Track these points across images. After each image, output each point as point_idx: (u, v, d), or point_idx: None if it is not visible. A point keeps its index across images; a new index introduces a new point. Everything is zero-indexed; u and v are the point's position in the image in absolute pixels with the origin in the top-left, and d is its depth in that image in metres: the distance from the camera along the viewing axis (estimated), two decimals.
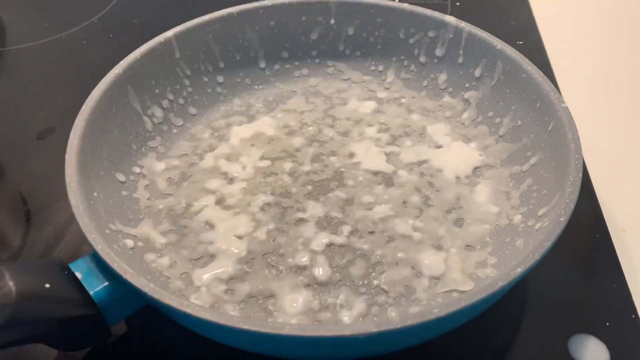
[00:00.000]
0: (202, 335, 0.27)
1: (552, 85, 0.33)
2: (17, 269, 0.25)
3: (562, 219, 0.26)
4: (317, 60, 0.43)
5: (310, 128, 0.40)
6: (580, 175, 0.28)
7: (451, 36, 0.39)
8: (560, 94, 0.33)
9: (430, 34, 0.40)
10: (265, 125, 0.40)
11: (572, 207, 0.27)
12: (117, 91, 0.34)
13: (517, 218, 0.32)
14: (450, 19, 0.38)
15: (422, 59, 0.41)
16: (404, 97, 0.41)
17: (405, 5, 0.40)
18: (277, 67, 0.43)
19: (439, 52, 0.40)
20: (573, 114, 0.31)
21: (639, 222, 0.36)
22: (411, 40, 0.41)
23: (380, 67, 0.42)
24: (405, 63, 0.42)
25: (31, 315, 0.24)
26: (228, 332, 0.24)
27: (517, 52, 0.35)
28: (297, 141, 0.39)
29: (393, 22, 0.41)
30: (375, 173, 0.36)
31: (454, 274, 0.31)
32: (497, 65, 0.36)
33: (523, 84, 0.35)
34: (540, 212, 0.30)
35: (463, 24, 0.38)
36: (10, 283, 0.24)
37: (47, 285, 0.25)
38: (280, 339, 0.23)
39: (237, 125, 0.40)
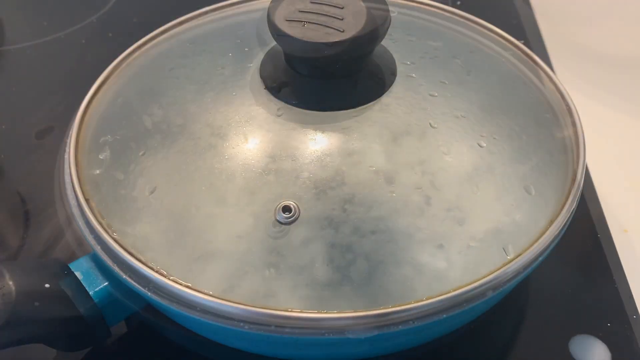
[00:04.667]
0: (202, 335, 0.27)
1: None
2: (17, 269, 0.25)
3: (564, 219, 0.26)
4: None
5: (311, 126, 0.39)
6: (583, 174, 0.28)
7: None
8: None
9: None
10: (266, 123, 0.40)
11: (574, 207, 0.27)
12: None
13: (519, 217, 0.32)
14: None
15: None
16: (407, 96, 0.41)
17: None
18: None
19: None
20: None
21: (636, 226, 0.36)
22: None
23: None
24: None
25: (31, 315, 0.24)
26: (228, 333, 0.24)
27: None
28: (298, 139, 0.38)
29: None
30: (377, 172, 0.36)
31: (454, 274, 0.31)
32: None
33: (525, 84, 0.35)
34: (542, 213, 0.30)
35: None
36: (10, 283, 0.24)
37: (47, 285, 0.25)
38: (280, 340, 0.23)
39: (237, 123, 0.40)
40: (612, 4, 0.51)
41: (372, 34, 0.24)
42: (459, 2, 0.53)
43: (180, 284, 0.30)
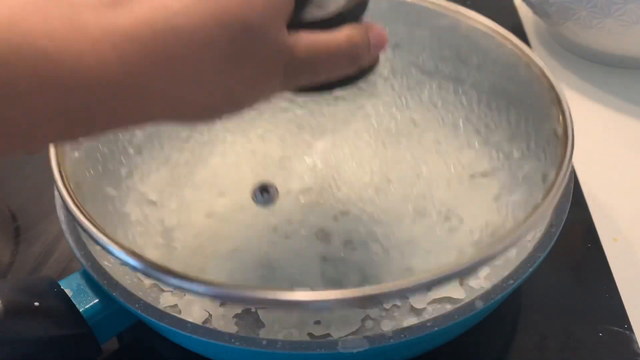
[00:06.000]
0: (194, 351, 0.26)
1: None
2: (6, 287, 0.25)
3: (554, 229, 0.26)
4: None
5: (302, 136, 0.39)
6: (572, 185, 0.28)
7: None
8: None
9: None
10: (256, 134, 0.40)
11: (564, 217, 0.27)
12: None
13: (510, 228, 0.32)
14: None
15: None
16: (400, 103, 0.41)
17: None
18: None
19: None
20: None
21: (630, 231, 0.36)
22: None
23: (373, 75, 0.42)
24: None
25: (20, 333, 0.24)
26: (220, 349, 0.24)
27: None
28: (289, 151, 0.38)
29: None
30: (368, 183, 0.36)
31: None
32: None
33: (516, 92, 0.35)
34: (533, 223, 0.30)
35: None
36: None
37: (37, 304, 0.24)
38: (273, 356, 0.23)
39: (229, 136, 0.40)
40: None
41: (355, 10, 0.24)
42: None
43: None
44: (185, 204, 0.35)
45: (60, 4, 0.17)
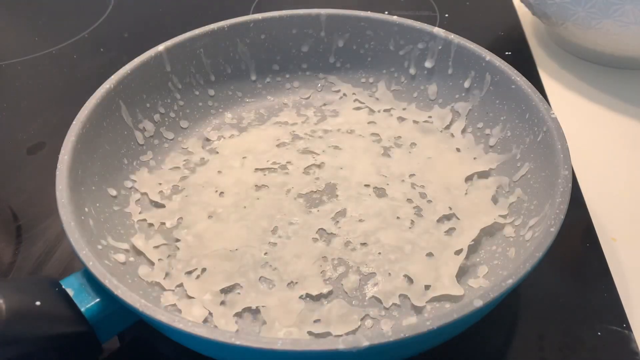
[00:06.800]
0: (195, 350, 0.26)
1: (541, 96, 0.33)
2: (8, 287, 0.25)
3: (552, 229, 0.26)
4: (307, 73, 0.43)
5: (302, 140, 0.40)
6: (570, 185, 0.28)
7: (440, 48, 0.39)
8: (549, 105, 0.33)
9: (420, 45, 0.40)
10: (257, 138, 0.40)
11: (562, 217, 0.27)
12: (108, 106, 0.34)
13: (508, 228, 0.32)
14: (439, 31, 0.39)
15: (412, 71, 0.41)
16: (395, 109, 0.41)
17: (395, 18, 0.40)
18: (268, 79, 0.43)
19: (428, 63, 0.40)
20: (562, 123, 0.31)
21: (628, 231, 0.36)
22: (401, 52, 0.41)
23: (371, 79, 0.43)
24: (396, 75, 0.42)
25: (22, 333, 0.24)
26: (220, 348, 0.24)
27: (506, 64, 0.36)
28: (289, 154, 0.39)
29: (383, 35, 0.41)
30: (367, 185, 0.36)
31: (445, 283, 0.31)
32: (486, 77, 0.37)
33: (512, 95, 0.35)
34: (531, 223, 0.30)
35: (452, 36, 0.38)
36: (1, 301, 0.24)
37: (38, 303, 0.25)
38: (273, 354, 0.23)
39: (229, 138, 0.40)
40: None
41: None
42: (447, 15, 0.54)
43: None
44: (186, 204, 0.35)
45: None
